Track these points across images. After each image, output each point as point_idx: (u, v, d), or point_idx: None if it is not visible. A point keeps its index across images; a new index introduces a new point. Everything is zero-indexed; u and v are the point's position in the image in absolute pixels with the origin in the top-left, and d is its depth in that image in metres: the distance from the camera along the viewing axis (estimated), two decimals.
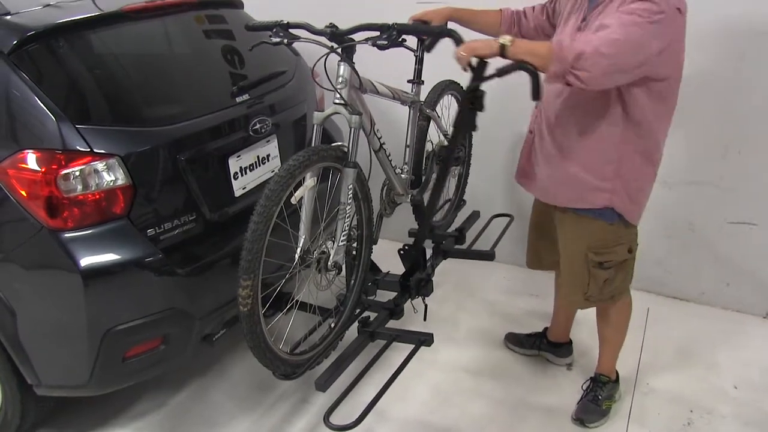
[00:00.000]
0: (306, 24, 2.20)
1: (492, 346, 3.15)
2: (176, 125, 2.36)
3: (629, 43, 1.93)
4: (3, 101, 2.16)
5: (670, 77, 2.13)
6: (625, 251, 2.40)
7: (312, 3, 3.27)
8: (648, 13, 1.93)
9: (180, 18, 2.71)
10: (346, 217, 2.22)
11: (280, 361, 2.15)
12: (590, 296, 2.46)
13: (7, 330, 2.27)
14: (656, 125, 2.20)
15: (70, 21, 2.31)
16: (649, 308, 3.41)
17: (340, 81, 2.22)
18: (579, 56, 1.90)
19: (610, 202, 2.28)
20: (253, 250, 1.94)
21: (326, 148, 2.17)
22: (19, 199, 2.12)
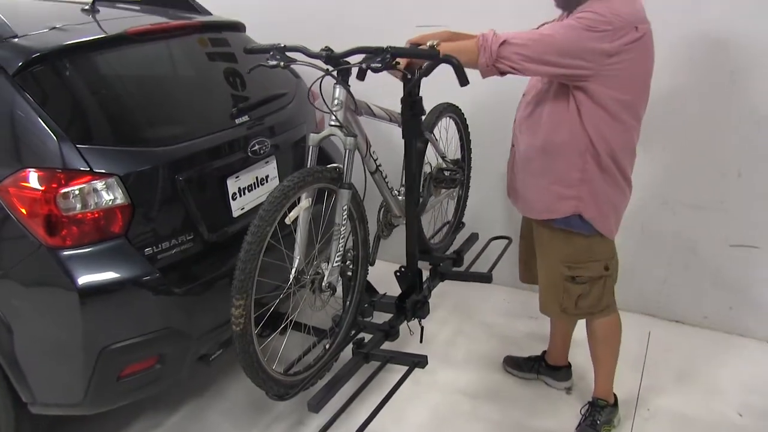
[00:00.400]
0: (302, 47, 2.23)
1: (490, 369, 3.14)
2: (175, 146, 2.39)
3: (556, 37, 2.09)
4: (7, 121, 2.19)
5: (630, 97, 2.19)
6: (601, 268, 2.42)
7: (312, 27, 3.34)
8: (589, 21, 2.06)
9: (182, 41, 2.76)
10: (341, 237, 2.24)
11: (273, 382, 2.15)
12: (566, 308, 2.48)
13: (4, 346, 2.28)
14: (614, 142, 2.24)
15: (74, 43, 2.36)
16: (651, 332, 3.40)
17: (336, 103, 2.25)
18: (503, 43, 2.10)
19: (576, 208, 2.31)
20: (246, 269, 1.96)
21: (321, 169, 2.20)
22: (19, 217, 2.15)
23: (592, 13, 2.07)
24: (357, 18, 3.64)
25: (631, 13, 2.10)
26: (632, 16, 2.10)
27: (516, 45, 2.11)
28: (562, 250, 2.41)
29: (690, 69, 3.04)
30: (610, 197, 2.33)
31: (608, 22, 2.05)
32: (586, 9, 2.10)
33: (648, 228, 3.40)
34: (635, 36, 2.08)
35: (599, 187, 2.28)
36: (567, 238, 2.38)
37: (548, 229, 2.41)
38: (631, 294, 3.54)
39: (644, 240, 3.43)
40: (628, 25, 2.07)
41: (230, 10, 3.20)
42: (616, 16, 2.06)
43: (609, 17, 2.06)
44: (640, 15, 2.14)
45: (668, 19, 2.94)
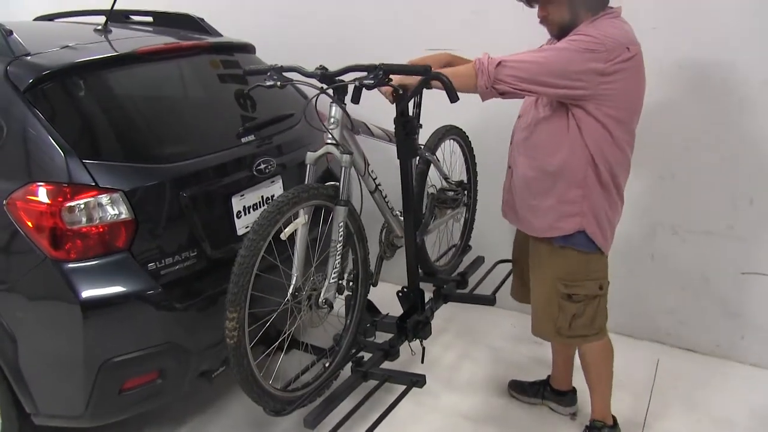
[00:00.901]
0: (298, 67, 2.28)
1: (495, 393, 3.11)
2: (180, 163, 2.43)
3: (550, 59, 2.15)
4: (18, 136, 2.26)
5: (625, 114, 2.23)
6: (596, 287, 2.42)
7: (322, 49, 3.36)
8: (582, 43, 2.12)
9: (191, 61, 2.83)
10: (337, 254, 2.25)
11: (269, 397, 2.16)
12: (560, 329, 2.47)
13: (8, 357, 2.32)
14: (612, 158, 2.27)
15: (84, 61, 2.43)
16: (659, 359, 3.35)
17: (332, 121, 2.28)
18: (499, 64, 2.17)
19: (580, 225, 2.33)
20: (240, 283, 1.98)
21: (317, 186, 2.23)
22: (26, 230, 2.20)
23: (584, 36, 2.14)
24: (366, 40, 3.70)
25: (622, 34, 2.16)
26: (623, 37, 2.16)
27: (511, 67, 2.17)
28: (561, 268, 2.41)
29: (700, 96, 3.04)
30: (608, 213, 2.35)
31: (601, 43, 2.11)
32: (579, 32, 2.17)
33: (658, 255, 3.37)
34: (627, 56, 2.13)
35: (598, 202, 2.31)
36: (565, 255, 2.38)
37: (547, 246, 2.42)
38: (641, 321, 3.51)
39: (654, 267, 3.40)
40: (620, 46, 2.13)
41: (242, 32, 3.27)
42: (608, 38, 2.12)
43: (601, 39, 2.12)
44: (630, 36, 2.20)
45: (677, 46, 2.98)
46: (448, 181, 3.05)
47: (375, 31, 3.70)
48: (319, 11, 3.86)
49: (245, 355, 2.03)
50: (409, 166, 2.48)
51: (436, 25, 3.51)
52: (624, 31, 2.19)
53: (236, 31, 3.31)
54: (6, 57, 2.38)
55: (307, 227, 2.28)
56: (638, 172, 2.99)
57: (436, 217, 3.04)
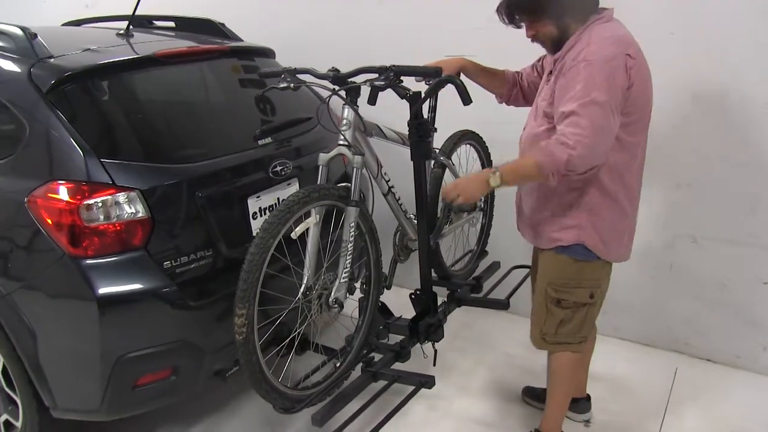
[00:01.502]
0: (311, 69, 2.31)
1: (508, 399, 3.10)
2: (196, 164, 2.47)
3: (596, 126, 2.05)
4: (39, 136, 2.32)
5: (636, 117, 2.18)
6: (586, 295, 2.38)
7: (342, 53, 3.38)
8: (587, 91, 2.04)
9: (210, 64, 2.88)
10: (348, 254, 2.28)
11: (277, 394, 2.18)
12: (545, 334, 2.46)
13: (29, 352, 2.37)
14: (620, 164, 2.23)
15: (104, 63, 2.49)
16: (678, 368, 3.31)
17: (344, 123, 2.31)
18: (567, 162, 2.06)
19: (578, 237, 2.30)
20: (249, 280, 2.01)
21: (328, 186, 2.25)
22: (45, 227, 2.25)
23: (595, 57, 2.06)
24: (383, 46, 3.72)
25: (619, 41, 2.11)
26: (621, 44, 2.10)
27: (577, 152, 2.05)
28: (553, 272, 2.39)
29: (718, 103, 3.01)
30: (614, 221, 2.30)
31: (613, 58, 2.06)
32: (582, 58, 2.08)
33: (677, 264, 3.34)
34: (632, 63, 2.09)
35: (601, 212, 2.27)
36: (559, 260, 2.36)
37: (551, 252, 2.39)
38: (660, 330, 3.47)
39: (673, 276, 3.36)
40: (622, 56, 2.08)
41: (262, 37, 3.32)
42: (614, 51, 2.07)
43: (610, 53, 2.07)
44: (627, 40, 2.14)
45: (695, 51, 2.96)
46: None
47: (391, 36, 3.72)
48: (336, 17, 3.91)
49: (254, 352, 2.06)
50: (423, 169, 2.49)
51: (451, 32, 3.51)
52: (620, 36, 2.13)
53: (257, 35, 3.35)
54: (30, 59, 2.44)
55: (319, 227, 2.31)
56: (656, 181, 3.00)
57: (452, 221, 3.05)
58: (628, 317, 3.48)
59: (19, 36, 2.51)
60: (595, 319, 2.51)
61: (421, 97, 2.36)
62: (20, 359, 2.40)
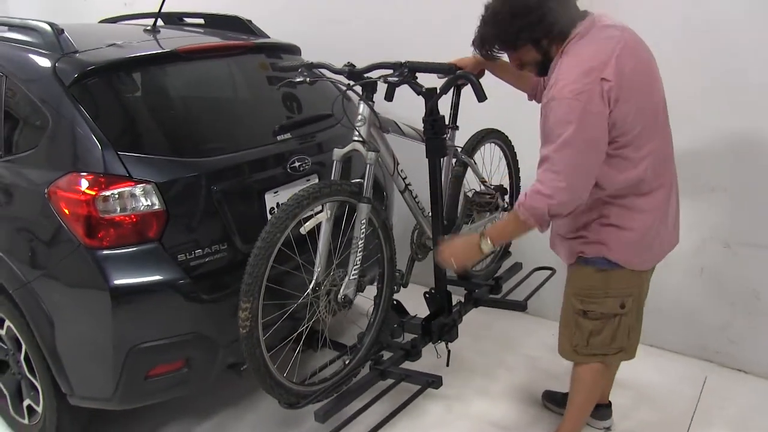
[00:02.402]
0: (327, 64, 2.31)
1: (528, 403, 3.04)
2: (213, 158, 2.49)
3: (571, 168, 1.99)
4: (61, 128, 2.38)
5: (634, 133, 2.07)
6: (616, 305, 2.28)
7: (366, 51, 3.37)
8: (560, 132, 1.96)
9: (234, 60, 2.90)
10: (359, 251, 2.27)
11: (282, 389, 2.18)
12: (577, 347, 2.38)
13: (47, 339, 2.43)
14: (627, 180, 2.13)
15: (126, 58, 2.54)
16: (707, 378, 3.20)
17: (359, 119, 2.30)
18: (548, 212, 2.03)
19: (599, 252, 2.22)
20: (254, 274, 2.02)
21: (340, 182, 2.25)
22: (63, 217, 2.30)
23: (563, 94, 1.97)
24: (415, 42, 3.69)
25: (592, 65, 1.97)
26: (595, 68, 1.97)
27: (556, 200, 2.01)
28: (577, 282, 2.32)
29: (753, 104, 2.90)
30: (642, 234, 2.20)
31: (582, 90, 1.95)
32: (551, 96, 2.00)
33: (708, 270, 3.23)
34: (609, 85, 1.96)
35: (627, 226, 2.18)
36: (583, 269, 2.29)
37: (575, 264, 2.33)
38: (690, 337, 3.36)
39: (704, 283, 3.25)
40: (592, 84, 1.95)
41: (290, 34, 3.33)
42: (583, 83, 1.95)
43: (579, 87, 1.95)
44: (601, 58, 1.98)
45: (733, 51, 2.85)
46: (485, 185, 3.02)
47: (423, 32, 3.69)
48: (362, 15, 3.90)
49: (257, 346, 2.07)
50: (438, 166, 2.47)
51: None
52: (590, 58, 1.98)
53: (285, 32, 3.37)
54: (56, 53, 2.50)
55: (331, 223, 2.30)
56: (686, 184, 2.89)
57: (474, 220, 3.02)
58: (655, 322, 3.34)
59: (47, 31, 2.57)
60: (637, 329, 2.41)
61: (436, 93, 2.34)
62: (39, 346, 2.45)
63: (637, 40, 2.11)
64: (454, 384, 3.12)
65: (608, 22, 2.08)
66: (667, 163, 2.25)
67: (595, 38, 2.03)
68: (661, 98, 2.18)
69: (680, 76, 2.80)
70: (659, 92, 2.17)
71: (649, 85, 2.11)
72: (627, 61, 2.00)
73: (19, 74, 2.54)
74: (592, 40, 2.03)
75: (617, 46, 2.00)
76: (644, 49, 2.13)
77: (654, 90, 2.15)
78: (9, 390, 2.76)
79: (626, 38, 2.05)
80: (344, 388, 2.30)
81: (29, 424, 2.72)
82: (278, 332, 2.31)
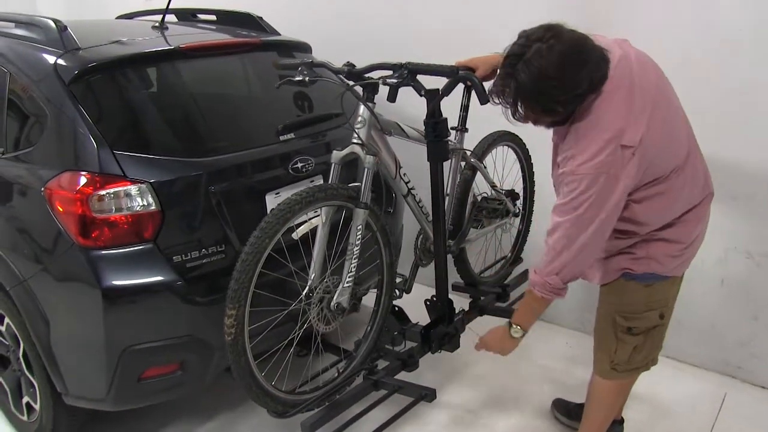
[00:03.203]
0: (327, 63, 2.25)
1: (537, 413, 2.94)
2: (211, 158, 2.44)
3: (582, 246, 1.95)
4: (59, 126, 2.36)
5: (654, 176, 1.96)
6: (657, 317, 2.19)
7: (380, 49, 3.31)
8: (574, 206, 1.90)
9: (239, 58, 2.85)
10: (354, 258, 2.20)
11: (269, 397, 2.13)
12: (617, 364, 2.26)
13: (42, 338, 2.41)
14: (652, 214, 2.03)
15: (127, 55, 2.50)
16: (726, 394, 3.06)
17: (359, 120, 2.23)
18: (561, 282, 2.02)
19: (649, 267, 2.10)
20: (240, 280, 1.96)
21: (336, 186, 2.18)
22: (58, 216, 2.28)
23: (583, 171, 1.87)
24: (433, 39, 3.60)
25: (607, 141, 1.85)
26: (611, 142, 1.85)
27: (564, 274, 2.02)
28: (621, 300, 2.20)
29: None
30: (681, 243, 2.10)
31: (602, 164, 1.85)
32: (570, 170, 1.90)
33: (729, 282, 3.08)
34: (630, 151, 1.85)
35: (667, 239, 2.08)
36: (625, 287, 2.17)
37: (618, 281, 2.21)
38: (710, 351, 3.22)
39: (725, 294, 3.11)
40: (613, 155, 1.84)
41: (302, 32, 3.28)
42: (601, 159, 1.84)
43: (598, 162, 1.84)
44: (616, 126, 1.85)
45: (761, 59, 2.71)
46: (495, 190, 2.92)
47: (439, 30, 3.60)
48: (377, 14, 3.82)
49: (243, 354, 2.01)
50: (440, 170, 2.39)
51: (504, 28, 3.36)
52: (607, 126, 1.85)
53: (297, 30, 3.31)
54: (58, 50, 2.48)
55: (327, 228, 2.24)
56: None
57: (483, 225, 2.93)
58: (674, 334, 3.18)
59: (51, 28, 2.55)
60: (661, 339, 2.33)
61: (438, 94, 2.25)
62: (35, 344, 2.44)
63: (640, 60, 1.96)
64: (461, 392, 3.04)
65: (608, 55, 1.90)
66: (706, 170, 2.16)
67: (610, 99, 1.87)
68: (678, 108, 2.05)
69: (698, 83, 2.69)
70: (676, 104, 2.04)
71: (667, 105, 1.98)
72: (642, 102, 1.88)
73: (22, 71, 2.53)
74: (607, 104, 1.87)
75: (630, 95, 1.87)
76: (649, 66, 1.98)
77: (672, 108, 2.01)
78: (10, 386, 2.77)
79: (632, 72, 1.91)
80: (336, 398, 2.24)
81: (28, 421, 2.72)
82: (269, 339, 2.25)
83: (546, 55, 1.76)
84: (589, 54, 1.80)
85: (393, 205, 3.01)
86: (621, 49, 1.94)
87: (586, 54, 1.79)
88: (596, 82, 1.83)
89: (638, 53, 1.98)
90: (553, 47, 1.76)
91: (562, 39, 1.78)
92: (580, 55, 1.79)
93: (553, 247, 1.99)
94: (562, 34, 1.79)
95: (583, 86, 1.80)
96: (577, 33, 1.82)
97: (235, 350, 2.00)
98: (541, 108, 1.86)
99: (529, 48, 1.79)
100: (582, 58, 1.79)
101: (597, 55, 1.82)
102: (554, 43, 1.77)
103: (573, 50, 1.78)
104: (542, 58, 1.76)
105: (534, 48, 1.78)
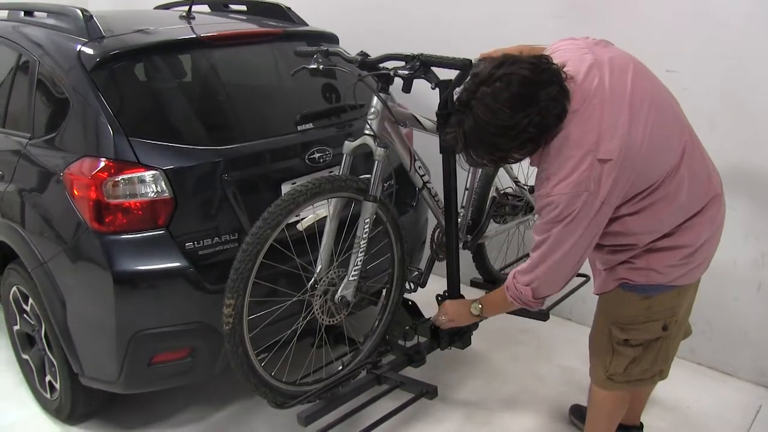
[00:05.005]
0: (340, 51, 2.25)
1: (554, 416, 2.87)
2: (226, 146, 2.45)
3: (558, 266, 1.90)
4: (80, 113, 2.41)
5: (642, 187, 1.84)
6: (658, 329, 2.06)
7: (409, 42, 3.27)
8: (547, 228, 1.83)
9: (261, 48, 2.85)
10: (360, 251, 2.17)
11: (267, 388, 2.13)
12: (613, 375, 2.15)
13: (59, 319, 2.48)
14: (649, 227, 1.92)
15: (148, 44, 2.53)
16: (762, 405, 2.92)
17: (372, 111, 2.21)
18: (534, 298, 2.00)
19: (649, 278, 1.99)
20: (240, 269, 1.96)
21: (344, 178, 2.16)
22: (74, 201, 2.34)
23: (556, 195, 1.77)
24: (464, 32, 3.54)
25: (579, 161, 1.74)
26: (584, 162, 1.74)
27: (540, 292, 1.99)
28: (617, 311, 2.10)
29: None
30: (687, 252, 1.97)
31: (578, 184, 1.74)
32: (544, 193, 1.81)
33: (767, 285, 2.94)
34: (608, 166, 1.73)
35: (670, 248, 1.95)
36: (623, 297, 2.06)
37: (615, 290, 2.11)
38: (744, 359, 3.08)
39: (762, 300, 2.96)
40: (588, 172, 1.73)
41: (332, 23, 3.26)
42: (577, 178, 1.74)
43: (573, 183, 1.74)
44: (589, 141, 1.73)
45: None
46: (518, 185, 2.85)
47: (468, 21, 3.54)
48: (408, 6, 3.78)
49: (241, 344, 2.02)
50: (452, 163, 2.34)
51: (527, 19, 3.28)
52: (578, 144, 1.74)
53: (327, 21, 3.29)
54: (83, 39, 2.53)
55: (336, 220, 2.22)
56: (742, 192, 2.65)
57: (507, 221, 2.86)
58: (706, 339, 3.11)
59: (78, 17, 2.61)
60: (675, 349, 2.21)
61: (450, 85, 2.20)
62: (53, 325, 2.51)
63: (616, 64, 1.83)
64: (477, 389, 2.99)
65: (574, 68, 1.79)
66: (710, 170, 2.01)
67: (577, 110, 1.75)
68: (668, 105, 1.91)
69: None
70: (662, 102, 1.88)
71: (651, 104, 1.83)
72: (616, 109, 1.76)
73: (49, 58, 2.60)
74: (573, 114, 1.75)
75: (602, 104, 1.75)
76: (627, 68, 1.84)
77: (657, 106, 1.85)
78: (35, 364, 2.85)
79: (603, 79, 1.78)
80: (337, 391, 2.22)
81: (51, 399, 2.80)
82: (273, 330, 2.25)
83: (490, 104, 1.67)
84: (538, 93, 1.68)
85: (416, 199, 2.98)
86: (593, 56, 1.82)
87: (534, 95, 1.67)
88: (553, 119, 1.72)
89: (616, 56, 1.86)
90: (498, 94, 1.67)
91: (510, 80, 1.67)
92: (528, 97, 1.67)
93: (530, 261, 1.95)
94: (511, 74, 1.67)
95: (532, 131, 1.70)
96: (529, 66, 1.69)
97: (233, 340, 2.01)
98: (495, 157, 1.82)
99: (475, 94, 1.70)
100: (530, 100, 1.67)
101: (551, 89, 1.69)
102: (499, 88, 1.67)
103: (519, 94, 1.67)
104: (486, 108, 1.68)
105: (479, 93, 1.69)
